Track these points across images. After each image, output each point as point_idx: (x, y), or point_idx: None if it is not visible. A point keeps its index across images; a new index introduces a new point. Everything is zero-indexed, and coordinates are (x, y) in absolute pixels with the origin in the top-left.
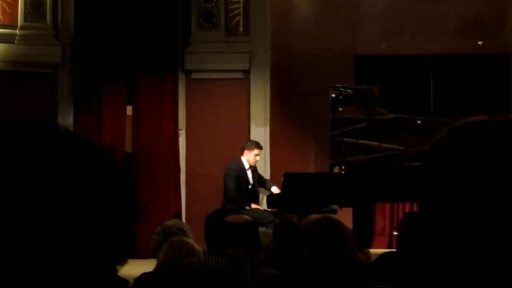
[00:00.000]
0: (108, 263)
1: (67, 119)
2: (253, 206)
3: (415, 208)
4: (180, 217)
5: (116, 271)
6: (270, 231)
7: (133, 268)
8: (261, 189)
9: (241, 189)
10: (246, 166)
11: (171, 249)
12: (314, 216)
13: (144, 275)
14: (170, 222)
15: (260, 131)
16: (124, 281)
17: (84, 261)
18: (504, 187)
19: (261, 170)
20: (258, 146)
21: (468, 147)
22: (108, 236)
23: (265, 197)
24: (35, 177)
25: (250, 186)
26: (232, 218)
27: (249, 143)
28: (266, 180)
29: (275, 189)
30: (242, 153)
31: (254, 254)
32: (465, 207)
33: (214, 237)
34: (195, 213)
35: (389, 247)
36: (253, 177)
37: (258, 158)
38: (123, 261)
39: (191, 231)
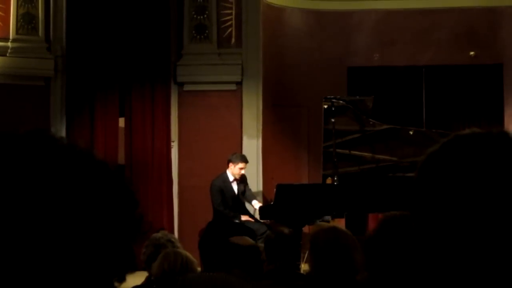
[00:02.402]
0: (107, 278)
1: (59, 131)
2: (243, 218)
3: None
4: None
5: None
6: (261, 244)
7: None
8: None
9: (227, 202)
10: (231, 178)
11: (165, 261)
12: (322, 226)
13: None
14: (158, 234)
15: (252, 143)
16: None
17: (83, 275)
18: (498, 198)
19: (253, 182)
20: (243, 159)
21: (461, 160)
22: (108, 251)
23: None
24: (37, 189)
25: (235, 198)
26: (236, 239)
27: (234, 156)
28: (250, 193)
29: (255, 203)
30: (227, 166)
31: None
32: (459, 218)
33: (217, 257)
34: (188, 224)
35: None
36: (238, 188)
37: (243, 171)
38: (122, 278)
39: (182, 242)
